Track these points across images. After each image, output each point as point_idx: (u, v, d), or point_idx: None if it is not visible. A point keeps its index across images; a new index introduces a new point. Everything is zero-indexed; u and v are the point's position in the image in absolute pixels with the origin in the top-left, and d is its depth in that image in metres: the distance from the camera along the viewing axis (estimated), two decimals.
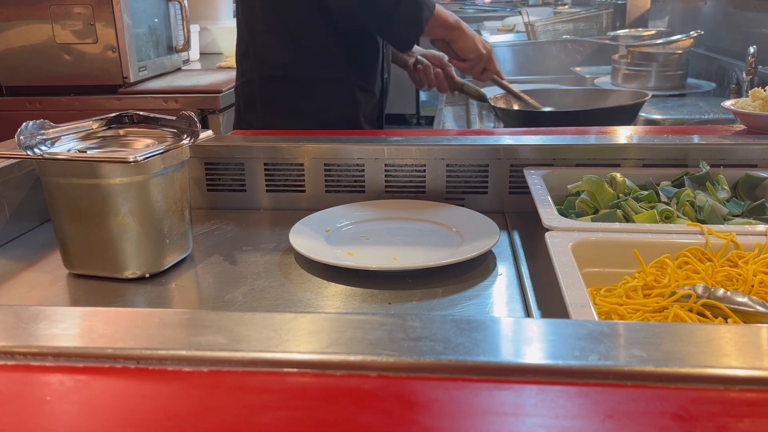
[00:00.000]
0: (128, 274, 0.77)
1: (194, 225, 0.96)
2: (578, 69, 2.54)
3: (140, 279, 0.78)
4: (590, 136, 1.02)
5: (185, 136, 0.78)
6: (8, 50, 1.91)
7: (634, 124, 1.58)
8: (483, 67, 1.38)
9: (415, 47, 1.41)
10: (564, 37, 2.82)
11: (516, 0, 5.50)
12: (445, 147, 0.99)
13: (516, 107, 1.57)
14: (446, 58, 1.42)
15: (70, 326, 0.44)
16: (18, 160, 0.89)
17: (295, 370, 0.40)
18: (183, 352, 0.41)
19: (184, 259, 0.83)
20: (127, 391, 0.39)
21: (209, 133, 0.79)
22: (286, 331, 0.43)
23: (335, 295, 0.74)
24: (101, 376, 0.40)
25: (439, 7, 1.28)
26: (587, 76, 2.34)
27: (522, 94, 1.49)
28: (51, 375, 0.40)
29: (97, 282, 0.78)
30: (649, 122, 1.68)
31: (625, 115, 1.47)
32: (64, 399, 0.38)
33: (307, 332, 0.44)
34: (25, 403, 0.38)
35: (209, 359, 0.41)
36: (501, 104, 1.52)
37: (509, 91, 1.48)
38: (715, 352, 0.40)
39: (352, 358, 0.40)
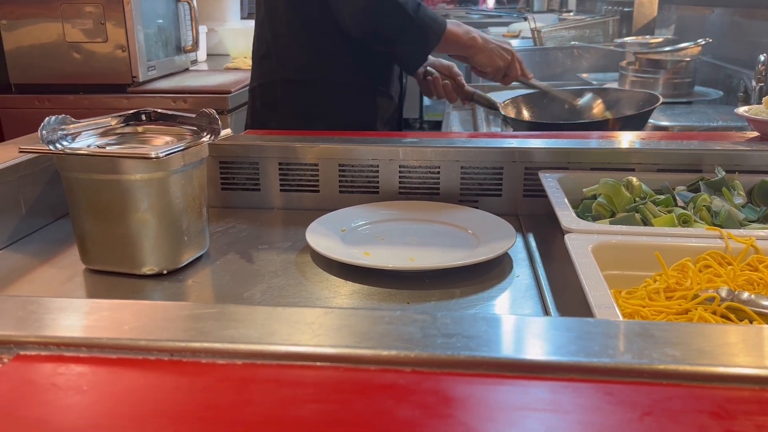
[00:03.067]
0: (146, 270, 0.77)
1: (210, 223, 0.96)
2: (585, 75, 2.55)
3: (158, 275, 0.78)
4: (605, 140, 1.02)
5: (205, 133, 0.78)
6: (18, 48, 1.91)
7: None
8: (504, 74, 1.38)
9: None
10: (572, 43, 2.82)
11: (521, 6, 5.52)
12: (459, 149, 0.99)
13: (526, 115, 1.57)
14: (455, 67, 1.43)
15: (101, 318, 0.44)
16: (34, 155, 0.89)
17: (328, 364, 0.40)
18: (217, 345, 0.41)
19: (201, 257, 0.83)
20: (162, 383, 0.39)
21: (228, 131, 0.79)
22: (317, 326, 0.43)
23: (354, 294, 0.74)
24: (135, 368, 0.40)
25: (451, 27, 1.28)
26: (594, 82, 2.34)
27: (552, 89, 1.50)
28: (85, 366, 0.40)
29: (114, 278, 0.78)
30: (658, 129, 1.68)
31: (637, 121, 1.47)
32: (99, 390, 0.38)
33: (338, 327, 0.44)
34: (61, 394, 0.38)
35: (243, 352, 0.41)
36: (510, 113, 1.53)
37: (537, 88, 1.49)
38: (749, 352, 0.40)
39: (385, 352, 0.40)
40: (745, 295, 0.55)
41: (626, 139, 1.04)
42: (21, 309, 0.45)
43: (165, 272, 0.78)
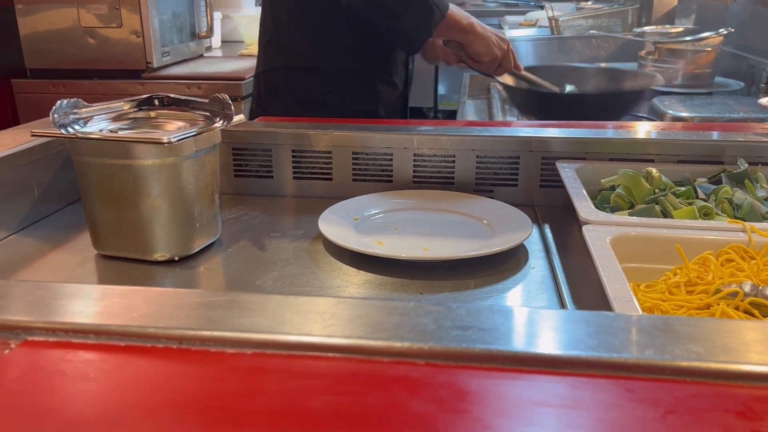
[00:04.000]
0: (157, 256, 0.76)
1: (222, 210, 0.96)
2: (603, 65, 2.51)
3: (169, 262, 0.77)
4: (623, 130, 1.00)
5: (218, 119, 0.77)
6: (33, 33, 1.91)
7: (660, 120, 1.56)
8: (498, 64, 1.35)
9: None
10: (591, 32, 2.78)
11: None
12: (475, 138, 0.97)
13: (525, 85, 1.54)
14: None
15: (111, 304, 0.44)
16: (48, 139, 0.88)
17: (339, 355, 0.39)
18: (227, 334, 0.40)
19: (213, 244, 0.83)
20: (171, 371, 0.38)
21: (241, 117, 0.78)
22: (329, 316, 0.42)
23: (366, 283, 0.73)
24: (144, 356, 0.39)
25: (452, 9, 1.25)
26: None
27: (541, 81, 1.47)
28: (93, 353, 0.39)
29: (125, 263, 0.77)
30: (676, 120, 1.65)
31: (639, 99, 1.45)
32: (107, 378, 0.38)
33: (350, 317, 0.43)
34: (68, 381, 0.37)
35: (253, 341, 0.40)
36: (509, 81, 1.49)
37: (528, 81, 1.46)
38: None
39: (398, 344, 0.39)
40: None
41: (645, 129, 1.02)
42: (30, 294, 0.44)
43: (176, 258, 0.77)
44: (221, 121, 0.76)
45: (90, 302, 0.44)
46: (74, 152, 0.74)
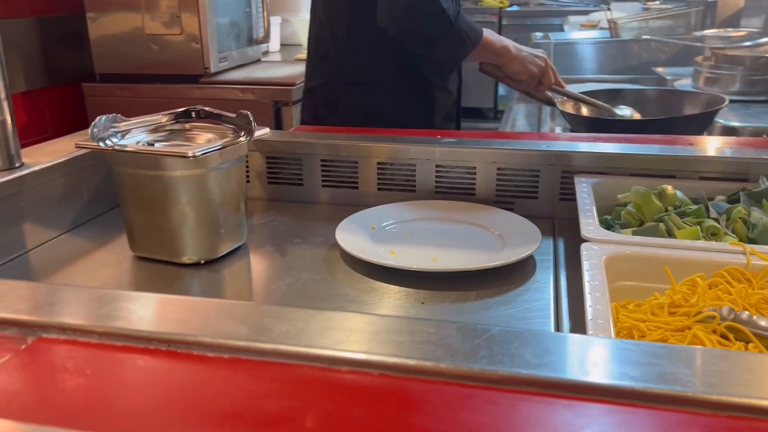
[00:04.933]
0: (185, 259, 0.83)
1: (253, 215, 1.02)
2: (660, 70, 2.45)
3: (196, 265, 0.84)
4: (647, 145, 1.00)
5: (242, 133, 0.83)
6: (102, 38, 2.04)
7: (709, 132, 1.53)
8: (538, 82, 1.37)
9: None
10: (644, 37, 2.72)
11: None
12: (496, 150, 1.00)
13: (585, 112, 1.55)
14: None
15: (116, 309, 0.49)
16: None
17: (307, 363, 0.44)
18: (207, 339, 0.45)
19: (238, 248, 0.89)
20: (157, 371, 0.44)
21: (266, 130, 0.83)
22: (304, 325, 0.47)
23: (372, 291, 0.77)
24: (137, 355, 0.45)
25: (486, 34, 1.29)
26: (668, 77, 2.26)
27: (588, 98, 1.47)
28: (94, 351, 0.45)
29: (157, 265, 0.84)
30: (727, 129, 1.61)
31: (699, 122, 1.42)
32: (101, 374, 0.43)
33: (324, 329, 0.47)
34: (67, 375, 0.43)
35: (231, 347, 0.45)
36: (569, 109, 1.51)
37: (573, 98, 1.46)
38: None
39: (366, 357, 0.43)
40: (746, 314, 0.55)
41: (671, 144, 1.02)
42: (48, 295, 0.51)
43: (202, 262, 0.84)
44: (244, 136, 0.82)
45: (97, 305, 0.50)
46: (113, 163, 0.82)
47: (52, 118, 2.11)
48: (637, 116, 1.48)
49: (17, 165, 0.90)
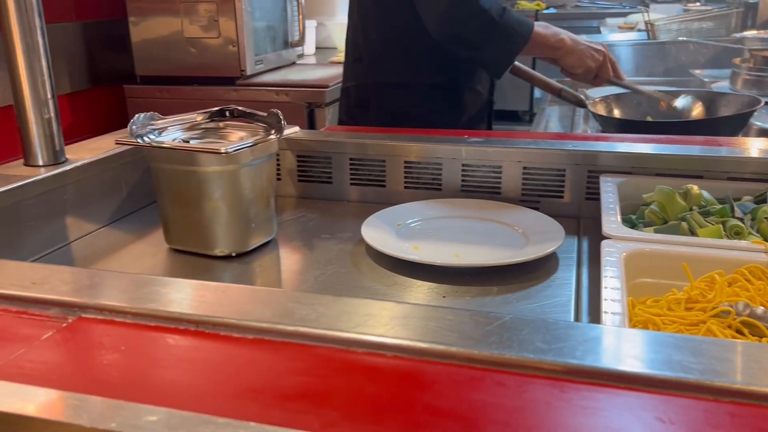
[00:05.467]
0: (217, 252, 0.86)
1: (283, 212, 1.05)
2: (698, 72, 2.42)
3: (228, 257, 0.87)
4: (673, 146, 1.00)
5: (273, 131, 0.86)
6: (143, 41, 2.11)
7: (744, 134, 1.51)
8: (595, 75, 1.37)
9: None
10: (681, 39, 2.69)
11: None
12: (522, 150, 1.01)
13: (617, 113, 1.54)
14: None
15: (149, 292, 0.53)
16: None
17: (325, 344, 0.46)
18: (233, 321, 0.48)
19: (268, 242, 0.92)
20: (186, 349, 0.47)
21: (295, 128, 0.86)
22: (324, 310, 0.49)
23: (396, 285, 0.79)
24: (167, 334, 0.48)
25: (538, 28, 1.28)
26: (706, 79, 2.23)
27: (645, 90, 1.47)
28: (128, 330, 0.48)
29: (191, 257, 0.88)
30: (763, 131, 1.59)
31: (733, 124, 1.41)
32: (134, 350, 0.47)
33: (342, 313, 0.49)
34: (103, 351, 0.46)
35: (254, 328, 0.47)
36: (601, 111, 1.51)
37: (631, 89, 1.46)
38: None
39: (381, 340, 0.45)
40: (761, 310, 0.55)
41: (698, 145, 1.01)
42: (88, 279, 0.55)
43: (234, 254, 0.87)
44: (275, 134, 0.85)
45: (133, 288, 0.53)
46: (150, 159, 0.86)
47: (94, 119, 2.19)
48: (698, 110, 1.48)
49: (62, 161, 0.94)
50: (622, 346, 0.45)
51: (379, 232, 0.89)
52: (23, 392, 0.41)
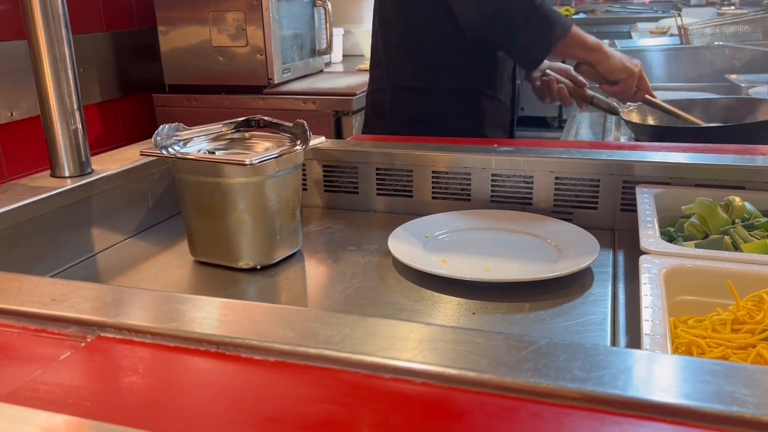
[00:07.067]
0: (242, 264, 0.85)
1: (309, 223, 1.04)
2: (733, 77, 2.36)
3: (252, 270, 0.85)
4: (713, 155, 0.96)
5: (299, 142, 0.85)
6: (172, 50, 2.12)
7: None
8: (635, 87, 1.33)
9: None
10: (716, 43, 2.62)
11: (676, 0, 5.16)
12: (554, 159, 0.98)
13: (651, 120, 1.50)
14: (573, 70, 1.39)
15: (169, 311, 0.51)
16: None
17: (350, 369, 0.44)
18: (255, 342, 0.46)
19: (294, 254, 0.90)
20: (205, 371, 0.45)
21: (321, 139, 0.85)
22: (349, 331, 0.47)
23: (423, 300, 0.77)
24: (187, 356, 0.46)
25: (576, 28, 1.25)
26: (743, 84, 2.16)
27: (681, 113, 1.41)
28: (147, 350, 0.47)
29: (215, 269, 0.86)
30: None
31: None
32: (152, 372, 0.45)
33: (368, 335, 0.47)
34: (121, 373, 0.45)
35: (276, 350, 0.46)
36: (634, 118, 1.47)
37: (666, 111, 1.41)
38: None
39: (408, 365, 0.43)
40: None
41: (740, 154, 0.97)
42: (109, 296, 0.53)
43: (258, 267, 0.85)
44: (300, 145, 0.83)
45: (152, 307, 0.52)
46: (175, 170, 0.85)
47: (124, 128, 2.21)
48: (736, 117, 1.42)
49: (88, 171, 0.94)
50: (667, 375, 0.42)
51: (406, 244, 0.87)
52: (37, 418, 0.39)
